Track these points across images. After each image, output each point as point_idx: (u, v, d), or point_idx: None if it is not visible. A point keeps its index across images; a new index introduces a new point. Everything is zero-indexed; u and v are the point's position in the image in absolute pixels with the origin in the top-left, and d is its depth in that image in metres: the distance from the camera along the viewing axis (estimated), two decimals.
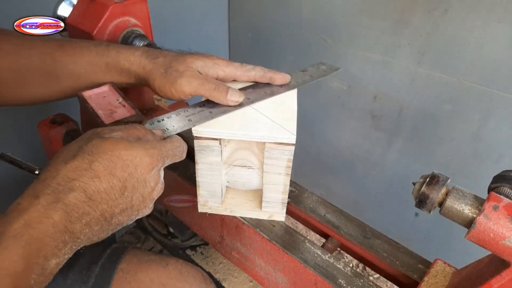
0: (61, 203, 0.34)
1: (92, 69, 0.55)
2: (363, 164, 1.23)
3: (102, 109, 0.50)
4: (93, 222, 0.36)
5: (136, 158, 0.38)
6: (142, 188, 0.39)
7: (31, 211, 0.32)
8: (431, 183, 0.44)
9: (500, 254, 0.40)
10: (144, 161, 0.38)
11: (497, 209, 0.40)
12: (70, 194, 0.34)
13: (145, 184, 0.39)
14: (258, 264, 0.64)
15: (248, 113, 0.54)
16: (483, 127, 0.92)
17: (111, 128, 0.40)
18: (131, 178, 0.38)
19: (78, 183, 0.35)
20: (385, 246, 0.61)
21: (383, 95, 1.07)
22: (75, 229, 0.35)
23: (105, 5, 0.64)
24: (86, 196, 0.35)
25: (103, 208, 0.36)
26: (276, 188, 0.57)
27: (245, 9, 1.31)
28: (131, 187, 0.38)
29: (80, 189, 0.35)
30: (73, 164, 0.35)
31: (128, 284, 0.50)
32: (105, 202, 0.36)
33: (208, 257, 1.19)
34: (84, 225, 0.35)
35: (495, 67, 0.85)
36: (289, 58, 1.24)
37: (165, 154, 0.41)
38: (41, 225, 0.32)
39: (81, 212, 0.35)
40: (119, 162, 0.37)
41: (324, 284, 0.55)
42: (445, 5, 0.87)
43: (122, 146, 0.37)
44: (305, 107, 1.30)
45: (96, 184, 0.35)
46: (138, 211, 0.40)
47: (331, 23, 1.09)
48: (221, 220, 0.66)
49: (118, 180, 0.37)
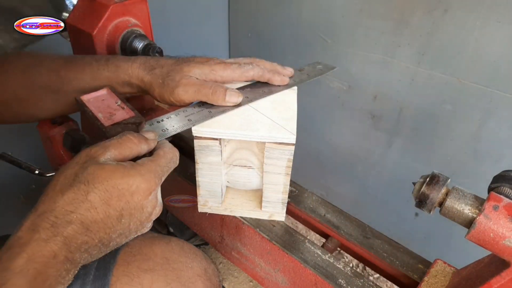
0: (60, 236, 0.34)
1: (95, 83, 0.57)
2: (363, 164, 1.23)
3: (102, 112, 0.50)
4: (91, 248, 0.37)
5: (132, 186, 0.38)
6: (140, 214, 0.39)
7: (33, 246, 0.33)
8: (431, 183, 0.44)
9: (500, 254, 0.40)
10: (140, 189, 0.38)
11: (497, 209, 0.40)
12: (69, 227, 0.35)
13: (142, 211, 0.39)
14: (258, 264, 0.64)
15: (248, 113, 0.54)
16: (483, 127, 0.92)
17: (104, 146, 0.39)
18: (128, 206, 0.38)
19: (75, 215, 0.35)
20: (385, 246, 0.61)
21: (383, 95, 1.07)
22: (75, 258, 0.36)
23: (105, 5, 0.64)
24: (84, 227, 0.36)
25: (100, 236, 0.37)
26: (276, 188, 0.57)
27: (245, 9, 1.31)
28: (128, 215, 0.38)
29: (78, 221, 0.35)
30: (69, 196, 0.36)
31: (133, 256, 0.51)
32: (102, 230, 0.37)
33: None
34: (83, 252, 0.37)
35: (495, 67, 0.85)
36: (289, 58, 1.24)
37: (161, 173, 0.41)
38: (43, 258, 0.33)
39: (79, 242, 0.36)
40: (115, 191, 0.37)
41: (324, 284, 0.55)
42: (445, 5, 0.87)
43: (118, 175, 0.37)
44: (305, 107, 1.30)
45: (92, 215, 0.36)
46: (136, 232, 0.41)
47: (331, 23, 1.09)
48: (221, 220, 0.66)
49: (114, 209, 0.37)
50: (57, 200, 0.36)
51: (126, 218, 0.38)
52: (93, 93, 0.53)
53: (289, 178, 0.56)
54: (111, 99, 0.53)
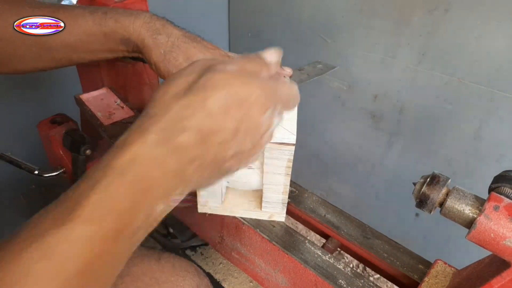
0: (171, 143, 0.30)
1: (88, 39, 0.52)
2: (363, 164, 1.23)
3: (101, 111, 0.50)
4: (204, 167, 0.33)
5: (252, 96, 0.32)
6: (254, 132, 0.34)
7: (138, 148, 0.29)
8: (431, 183, 0.44)
9: (501, 254, 0.40)
10: (259, 101, 0.33)
11: (497, 209, 0.40)
12: (182, 134, 0.30)
13: (256, 128, 0.34)
14: (258, 264, 0.64)
15: None
16: (483, 127, 0.92)
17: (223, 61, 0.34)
18: (245, 118, 0.33)
19: (191, 122, 0.30)
20: (385, 246, 0.61)
21: (383, 95, 1.07)
22: (185, 173, 0.31)
23: (105, 5, 0.64)
24: (198, 137, 0.31)
25: (215, 151, 0.32)
26: (276, 189, 0.57)
27: (245, 9, 1.31)
28: (244, 130, 0.33)
29: (193, 129, 0.30)
30: (185, 101, 0.31)
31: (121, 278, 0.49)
32: (217, 144, 0.32)
33: (208, 257, 1.19)
34: (195, 169, 0.32)
35: (495, 67, 0.85)
36: (289, 58, 1.23)
37: (280, 98, 0.36)
38: (148, 163, 0.29)
39: (193, 155, 0.31)
40: (234, 99, 0.32)
41: (324, 284, 0.55)
42: (445, 5, 0.87)
43: (238, 82, 0.32)
44: (305, 107, 1.30)
45: (210, 124, 0.31)
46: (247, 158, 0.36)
47: (331, 23, 1.09)
48: (221, 220, 0.66)
49: (231, 120, 0.32)
50: (170, 104, 0.31)
51: (241, 134, 0.33)
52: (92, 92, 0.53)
53: (289, 178, 0.56)
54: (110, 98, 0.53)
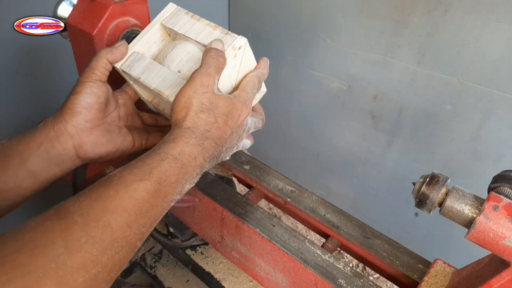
0: (201, 147, 0.46)
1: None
2: (363, 164, 1.23)
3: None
4: (212, 159, 0.49)
5: (239, 111, 0.51)
6: (240, 131, 0.52)
7: (183, 145, 0.45)
8: (431, 183, 0.44)
9: (500, 254, 0.40)
10: (244, 113, 0.51)
11: (497, 209, 0.40)
12: (206, 141, 0.47)
13: (242, 127, 0.52)
14: (258, 264, 0.64)
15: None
16: (483, 127, 0.92)
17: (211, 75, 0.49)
18: (236, 124, 0.51)
19: (210, 133, 0.47)
20: (385, 246, 0.61)
21: (383, 95, 1.07)
22: (204, 166, 0.47)
23: (105, 5, 0.64)
24: (214, 142, 0.48)
25: (219, 149, 0.49)
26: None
27: (245, 9, 1.31)
28: (236, 131, 0.51)
29: (212, 137, 0.48)
30: (206, 120, 0.47)
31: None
32: (222, 144, 0.49)
33: (208, 257, 1.19)
34: (208, 162, 0.48)
35: (494, 67, 0.85)
36: (289, 58, 1.24)
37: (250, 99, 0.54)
38: (188, 157, 0.45)
39: (210, 153, 0.47)
40: (230, 116, 0.50)
41: (324, 284, 0.55)
42: (445, 5, 0.87)
43: (231, 105, 0.50)
44: (305, 107, 1.30)
45: (219, 133, 0.48)
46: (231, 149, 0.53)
47: (331, 23, 1.09)
48: (221, 220, 0.66)
49: (229, 127, 0.50)
50: (198, 121, 0.47)
51: (234, 134, 0.51)
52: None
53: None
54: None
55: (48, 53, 0.96)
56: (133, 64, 0.56)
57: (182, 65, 0.56)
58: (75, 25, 0.66)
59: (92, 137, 0.55)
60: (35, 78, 0.98)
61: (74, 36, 0.68)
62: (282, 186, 0.72)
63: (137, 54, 0.57)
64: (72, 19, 0.67)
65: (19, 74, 0.94)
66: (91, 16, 0.65)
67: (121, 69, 0.56)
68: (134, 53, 0.57)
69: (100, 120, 0.56)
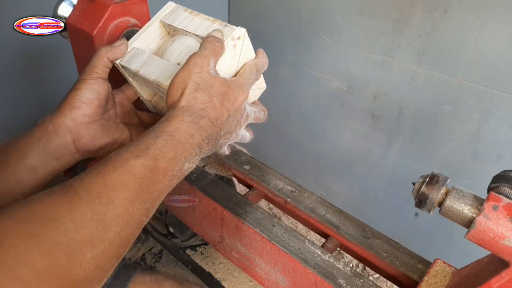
0: (197, 124, 0.46)
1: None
2: (363, 164, 1.23)
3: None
4: (211, 141, 0.48)
5: (237, 94, 0.50)
6: (238, 115, 0.52)
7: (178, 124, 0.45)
8: (430, 183, 0.44)
9: (500, 254, 0.40)
10: (241, 96, 0.51)
11: (496, 209, 0.40)
12: (202, 120, 0.46)
13: (239, 112, 0.52)
14: (258, 264, 0.64)
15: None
16: (482, 127, 0.92)
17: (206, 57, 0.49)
18: (233, 107, 0.50)
19: (205, 112, 0.47)
20: (385, 246, 0.61)
21: (383, 95, 1.07)
22: (202, 146, 0.47)
23: (105, 5, 0.64)
24: (211, 122, 0.47)
25: (217, 130, 0.48)
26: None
27: (245, 9, 1.31)
28: (233, 114, 0.50)
29: (207, 116, 0.47)
30: (201, 99, 0.47)
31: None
32: (219, 126, 0.48)
33: (208, 257, 1.19)
34: (207, 143, 0.47)
35: (494, 67, 0.85)
36: (289, 58, 1.24)
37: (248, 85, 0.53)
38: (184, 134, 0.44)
39: (207, 133, 0.47)
40: (226, 97, 0.49)
41: (324, 284, 0.55)
42: (445, 5, 0.87)
43: (226, 87, 0.49)
44: (305, 107, 1.30)
45: (215, 113, 0.48)
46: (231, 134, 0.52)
47: (331, 23, 1.09)
48: (221, 220, 0.66)
49: (226, 109, 0.49)
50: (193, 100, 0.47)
51: (231, 117, 0.50)
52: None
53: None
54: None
55: (48, 53, 0.96)
56: (133, 58, 0.56)
57: (181, 58, 0.56)
58: (75, 25, 0.66)
59: (91, 130, 0.56)
60: (35, 78, 0.98)
61: (74, 36, 0.68)
62: (282, 186, 0.72)
63: (137, 49, 0.57)
64: (72, 19, 0.67)
65: (19, 74, 0.94)
66: (91, 16, 0.65)
67: (120, 65, 0.56)
68: (133, 49, 0.57)
69: (99, 115, 0.57)
